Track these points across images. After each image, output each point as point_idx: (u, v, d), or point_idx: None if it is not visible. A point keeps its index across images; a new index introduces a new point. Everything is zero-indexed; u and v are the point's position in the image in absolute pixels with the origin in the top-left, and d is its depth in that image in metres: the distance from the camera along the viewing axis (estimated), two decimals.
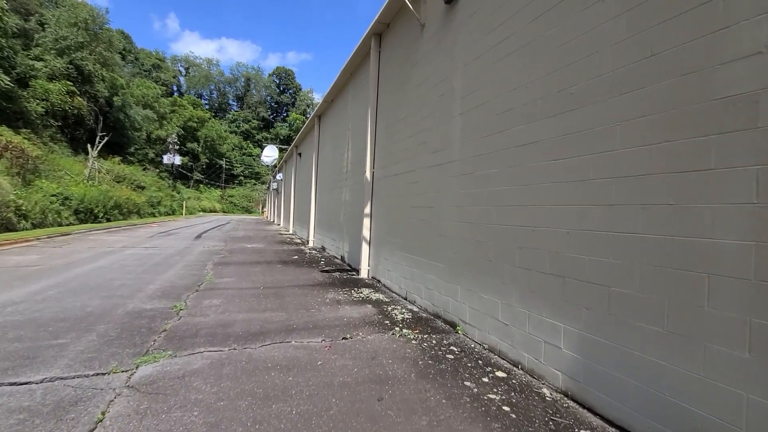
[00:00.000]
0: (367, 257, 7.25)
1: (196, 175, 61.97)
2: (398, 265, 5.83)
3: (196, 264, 8.04)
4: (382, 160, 6.81)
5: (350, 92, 9.38)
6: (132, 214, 25.40)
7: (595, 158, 2.57)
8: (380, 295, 5.73)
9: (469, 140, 4.06)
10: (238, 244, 12.69)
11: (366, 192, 7.24)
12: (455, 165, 4.31)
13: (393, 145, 6.28)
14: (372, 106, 7.19)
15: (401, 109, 5.97)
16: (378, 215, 6.90)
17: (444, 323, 4.37)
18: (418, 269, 5.12)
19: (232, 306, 4.81)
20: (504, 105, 3.51)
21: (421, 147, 5.17)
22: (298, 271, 7.66)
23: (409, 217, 5.52)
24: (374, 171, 7.19)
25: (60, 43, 29.89)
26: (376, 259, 6.89)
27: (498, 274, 3.48)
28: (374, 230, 7.06)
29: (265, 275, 7.06)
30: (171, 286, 5.80)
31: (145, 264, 7.76)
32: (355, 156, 8.66)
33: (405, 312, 4.83)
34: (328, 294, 5.71)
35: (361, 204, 7.75)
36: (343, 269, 8.14)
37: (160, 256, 9.02)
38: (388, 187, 6.41)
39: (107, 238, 13.04)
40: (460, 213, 4.15)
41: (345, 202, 9.33)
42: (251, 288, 5.92)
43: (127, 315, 4.25)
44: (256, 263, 8.53)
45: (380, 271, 6.67)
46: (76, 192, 17.33)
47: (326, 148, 12.16)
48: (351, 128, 9.16)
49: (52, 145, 26.69)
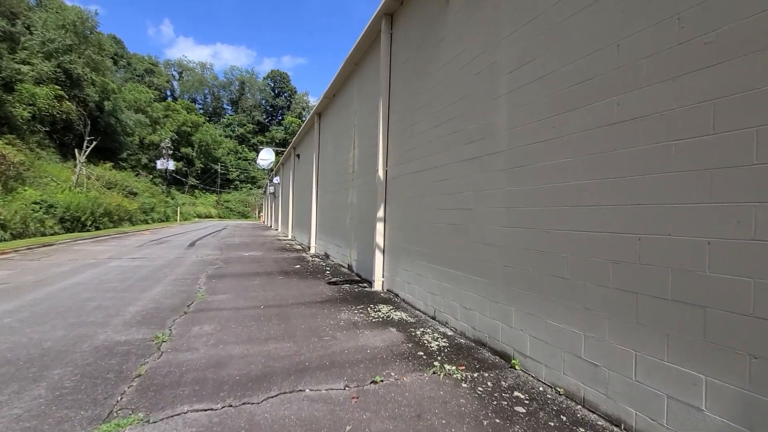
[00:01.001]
0: (380, 267, 6.40)
1: (191, 180, 60.87)
2: (422, 278, 4.98)
3: (188, 277, 7.15)
4: (397, 156, 5.97)
5: (356, 84, 8.55)
6: (123, 221, 24.39)
7: (762, 133, 1.74)
8: (402, 314, 4.88)
9: (521, 124, 3.23)
10: (234, 252, 11.80)
11: (378, 193, 6.40)
12: (501, 157, 3.48)
13: (411, 139, 5.44)
14: (384, 96, 6.36)
15: (421, 97, 5.14)
16: (393, 219, 6.05)
17: (492, 354, 3.52)
18: (450, 284, 4.27)
19: (227, 334, 3.94)
20: (580, 73, 2.68)
21: (451, 138, 4.34)
22: (303, 284, 6.79)
23: (435, 221, 4.67)
24: (387, 170, 6.35)
25: (47, 46, 28.91)
26: (392, 270, 6.04)
27: (578, 296, 2.64)
28: (389, 237, 6.21)
29: (265, 290, 6.19)
30: (155, 308, 4.92)
31: (129, 279, 6.87)
32: (362, 154, 7.82)
33: (438, 337, 3.97)
34: (341, 313, 4.85)
35: (372, 207, 6.90)
36: (352, 280, 7.28)
37: (148, 268, 8.12)
38: (406, 187, 5.57)
39: (93, 248, 12.10)
40: (511, 216, 3.32)
41: (352, 205, 8.48)
42: (250, 307, 5.05)
43: (94, 352, 3.37)
44: (255, 275, 7.65)
45: (398, 283, 5.82)
46: (62, 199, 16.35)
47: (328, 148, 11.32)
48: (357, 124, 8.32)
49: (39, 151, 25.66)
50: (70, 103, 29.48)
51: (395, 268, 5.93)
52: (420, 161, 5.13)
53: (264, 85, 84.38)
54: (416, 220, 5.21)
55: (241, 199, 65.27)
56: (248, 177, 71.15)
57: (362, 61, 8.09)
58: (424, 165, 5.02)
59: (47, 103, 27.01)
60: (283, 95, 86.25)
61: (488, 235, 3.63)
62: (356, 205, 8.15)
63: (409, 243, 5.41)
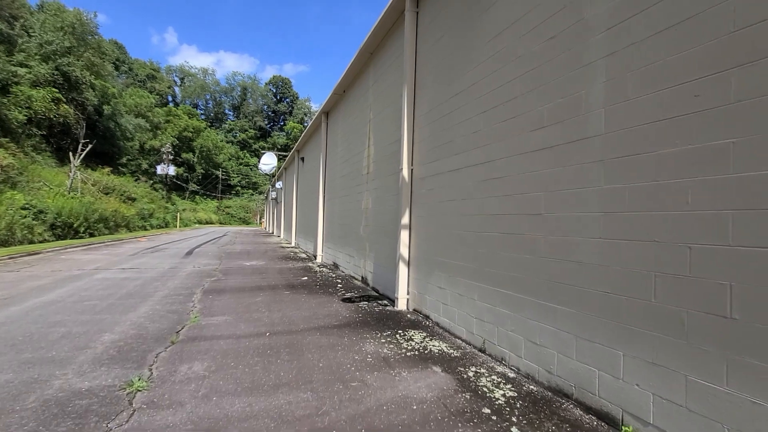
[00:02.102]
0: (405, 283, 5.48)
1: (191, 186, 60.12)
2: (464, 299, 4.06)
3: (181, 293, 6.22)
4: (426, 153, 5.09)
5: (371, 76, 7.70)
6: (120, 227, 23.49)
7: None
8: (441, 344, 3.95)
9: (633, 96, 2.34)
10: (235, 261, 10.88)
11: (402, 197, 5.50)
12: (594, 144, 2.59)
13: (446, 131, 4.56)
14: (408, 85, 5.49)
15: (462, 79, 4.26)
16: (422, 227, 5.15)
17: (584, 411, 2.58)
18: (510, 309, 3.35)
19: (223, 377, 3.01)
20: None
21: (508, 125, 3.45)
22: (313, 301, 5.86)
23: (483, 229, 3.77)
24: (413, 169, 5.46)
25: (45, 48, 28.27)
26: (421, 287, 5.12)
27: (758, 347, 1.72)
28: (416, 247, 5.30)
29: (270, 309, 5.26)
30: (136, 336, 3.99)
31: (112, 295, 5.94)
32: (380, 153, 6.94)
33: (500, 382, 3.04)
34: (365, 343, 3.92)
35: (393, 213, 6.00)
36: (369, 296, 6.35)
37: (137, 281, 7.20)
38: (440, 189, 4.67)
39: (82, 257, 11.19)
40: (613, 224, 2.41)
41: (367, 210, 7.57)
42: (253, 335, 4.12)
43: (40, 410, 2.45)
44: (258, 289, 6.73)
45: (428, 303, 4.89)
46: (53, 204, 15.47)
47: (337, 149, 10.44)
48: (373, 119, 7.45)
49: (35, 155, 24.87)
50: (68, 107, 28.78)
51: (425, 284, 5.01)
52: (460, 157, 4.23)
53: (266, 91, 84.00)
54: (455, 228, 4.30)
55: (242, 205, 64.44)
56: (249, 183, 70.43)
57: (379, 49, 7.24)
58: (466, 161, 4.12)
59: (44, 106, 26.29)
60: (285, 101, 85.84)
61: (574, 250, 2.71)
62: (372, 210, 7.25)
63: (445, 255, 4.50)
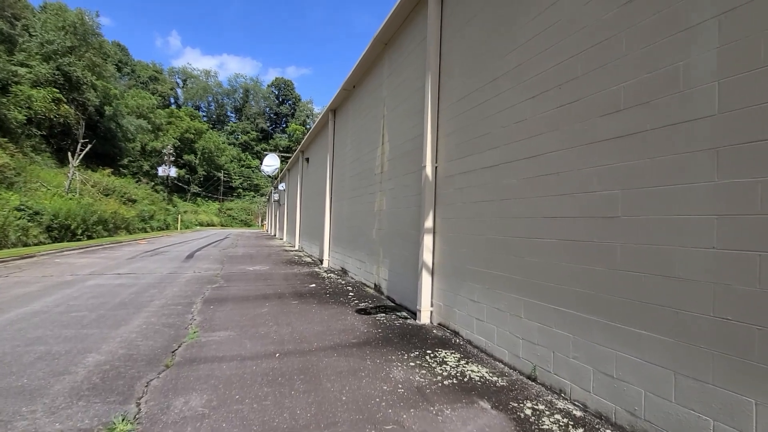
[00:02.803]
0: (428, 293, 4.91)
1: (193, 187, 59.71)
2: (505, 315, 3.49)
3: (179, 302, 5.67)
4: (454, 148, 4.53)
5: (385, 68, 7.16)
6: (120, 229, 22.98)
7: None
8: (480, 369, 3.38)
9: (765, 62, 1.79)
10: (237, 266, 10.33)
11: (425, 197, 4.94)
12: (703, 128, 2.03)
13: (481, 123, 4.01)
14: (432, 73, 4.95)
15: (502, 62, 3.72)
16: (449, 231, 4.59)
17: None
18: (574, 332, 2.78)
19: (227, 419, 2.45)
20: None
21: (567, 110, 2.89)
22: (325, 312, 5.30)
23: (533, 234, 3.21)
24: (438, 166, 4.90)
25: (46, 48, 27.91)
26: (448, 298, 4.55)
27: None
28: (442, 254, 4.73)
29: (278, 322, 4.70)
30: (125, 357, 3.44)
31: (104, 305, 5.40)
32: (396, 151, 6.39)
33: (569, 424, 2.46)
34: (392, 367, 3.35)
35: (412, 215, 5.45)
36: (385, 307, 5.78)
37: (133, 288, 6.65)
38: (474, 188, 4.11)
39: (77, 261, 10.66)
40: (738, 231, 1.85)
41: (380, 212, 7.02)
42: (261, 355, 3.56)
43: None
44: (263, 298, 6.17)
45: (459, 317, 4.32)
46: (49, 206, 14.97)
47: (345, 148, 9.90)
48: (387, 115, 6.91)
49: (34, 156, 24.44)
50: (69, 107, 28.37)
51: (453, 296, 4.44)
52: (499, 151, 3.68)
53: (268, 93, 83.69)
54: (494, 233, 3.74)
55: (243, 207, 63.98)
56: (251, 185, 70.00)
57: (395, 39, 6.71)
58: (507, 155, 3.57)
59: (44, 106, 25.88)
60: (288, 103, 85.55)
61: (669, 262, 2.15)
62: (387, 212, 6.69)
63: (480, 264, 3.93)
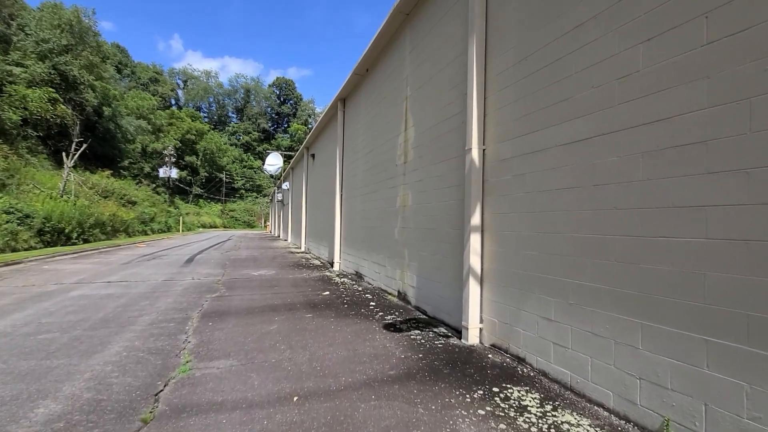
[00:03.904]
0: (476, 307, 3.97)
1: (195, 189, 58.96)
2: (612, 344, 2.55)
3: (173, 318, 4.76)
4: (512, 124, 3.60)
5: (407, 42, 6.23)
6: (119, 232, 22.14)
7: None
8: (577, 418, 2.44)
9: None
10: (240, 270, 9.42)
11: (471, 188, 4.01)
12: None
13: (555, 87, 3.07)
14: (478, 31, 4.01)
15: (584, 6, 2.78)
16: (505, 228, 3.65)
17: None
18: (742, 376, 1.85)
19: None
20: None
21: (712, 52, 1.96)
22: (347, 329, 4.37)
23: (658, 232, 2.27)
24: (486, 149, 3.97)
25: (41, 46, 27.11)
26: (506, 314, 3.61)
27: None
28: (494, 257, 3.80)
29: (292, 346, 3.78)
30: (88, 407, 2.52)
31: (83, 322, 4.49)
32: (424, 136, 5.46)
33: None
34: (456, 419, 2.42)
35: (449, 210, 4.52)
36: (416, 320, 4.85)
37: (121, 300, 5.75)
38: (540, 174, 3.17)
39: (67, 267, 9.78)
40: None
41: (404, 208, 6.09)
42: (273, 401, 2.63)
43: None
44: (271, 310, 5.26)
45: (524, 340, 3.38)
46: (41, 208, 14.11)
47: (358, 139, 8.98)
48: (411, 96, 5.97)
49: (30, 158, 23.64)
50: (65, 107, 27.55)
51: (514, 311, 3.50)
52: (588, 120, 2.74)
53: (269, 93, 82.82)
54: (581, 230, 2.81)
55: (246, 209, 63.22)
56: (254, 185, 69.23)
57: (420, 5, 5.77)
58: (603, 123, 2.63)
59: (40, 106, 25.07)
60: (289, 102, 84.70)
61: None
62: (413, 208, 5.76)
63: (558, 271, 3.00)
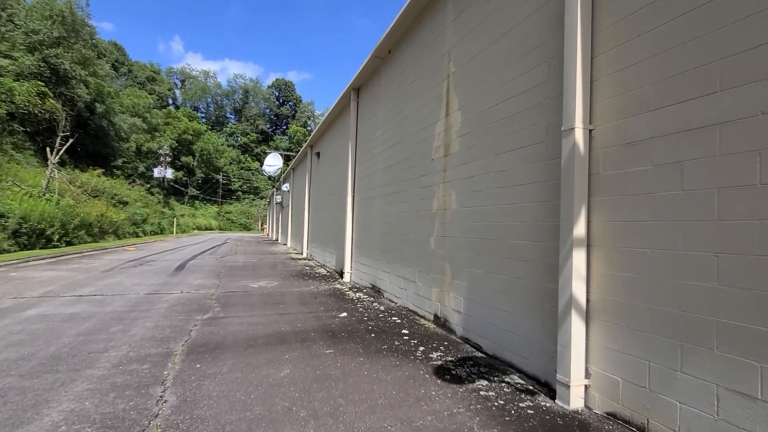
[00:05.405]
0: (580, 355, 2.77)
1: (191, 190, 57.51)
2: None
3: (148, 353, 3.53)
4: (642, 93, 2.43)
5: (449, 7, 5.08)
6: (107, 234, 20.81)
7: None
8: None
9: None
10: (237, 281, 8.19)
11: (574, 184, 2.83)
12: None
13: (727, 34, 1.92)
14: None
15: None
16: (632, 243, 2.47)
17: None
18: None
19: None
20: None
21: None
22: (386, 377, 3.17)
23: None
24: (593, 130, 2.80)
25: (31, 38, 25.84)
26: (636, 370, 2.42)
27: None
28: (609, 284, 2.61)
29: (316, 413, 2.57)
30: None
31: (22, 362, 3.26)
32: (479, 120, 4.29)
33: None
34: None
35: (522, 216, 3.35)
36: (472, 360, 3.65)
37: (87, 324, 4.51)
38: (712, 162, 2.02)
39: (40, 275, 8.51)
40: None
41: (445, 212, 4.91)
42: None
43: None
44: (279, 341, 4.04)
45: (687, 420, 2.20)
46: (18, 207, 12.82)
47: (376, 132, 7.81)
48: (456, 72, 4.82)
49: (14, 153, 22.30)
50: (55, 102, 26.24)
51: (654, 368, 2.31)
52: None
53: (268, 94, 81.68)
54: None
55: (243, 211, 61.82)
56: (251, 188, 67.88)
57: None
58: None
59: (27, 99, 23.76)
60: (288, 104, 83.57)
61: None
62: (460, 212, 4.58)
63: (760, 318, 1.83)
